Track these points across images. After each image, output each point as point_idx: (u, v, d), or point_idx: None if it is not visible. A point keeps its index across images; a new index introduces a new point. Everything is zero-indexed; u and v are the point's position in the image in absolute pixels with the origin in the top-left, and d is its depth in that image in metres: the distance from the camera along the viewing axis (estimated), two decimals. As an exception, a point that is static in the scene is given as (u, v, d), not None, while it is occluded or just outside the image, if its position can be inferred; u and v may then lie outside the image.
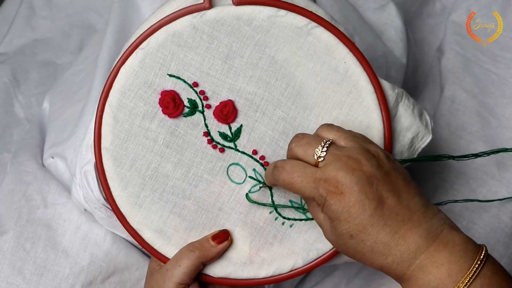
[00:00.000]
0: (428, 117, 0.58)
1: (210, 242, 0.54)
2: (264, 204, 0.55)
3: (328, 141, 0.47)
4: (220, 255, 0.55)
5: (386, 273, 0.46)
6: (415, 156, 0.58)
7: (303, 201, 0.55)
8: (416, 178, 0.76)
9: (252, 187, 0.54)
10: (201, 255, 0.53)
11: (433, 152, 0.75)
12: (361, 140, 0.47)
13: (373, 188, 0.44)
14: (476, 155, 0.59)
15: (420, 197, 0.46)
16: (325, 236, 0.48)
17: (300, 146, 0.47)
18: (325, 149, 0.46)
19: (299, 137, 0.48)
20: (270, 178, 0.49)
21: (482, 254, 0.44)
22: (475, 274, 0.43)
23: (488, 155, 0.59)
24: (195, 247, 0.54)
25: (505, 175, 0.74)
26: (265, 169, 0.54)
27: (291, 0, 0.53)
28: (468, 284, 0.43)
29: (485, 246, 0.46)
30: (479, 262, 0.44)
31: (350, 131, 0.48)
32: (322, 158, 0.46)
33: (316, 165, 0.46)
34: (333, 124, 0.49)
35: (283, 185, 0.47)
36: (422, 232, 0.44)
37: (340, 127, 0.48)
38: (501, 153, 0.75)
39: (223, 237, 0.55)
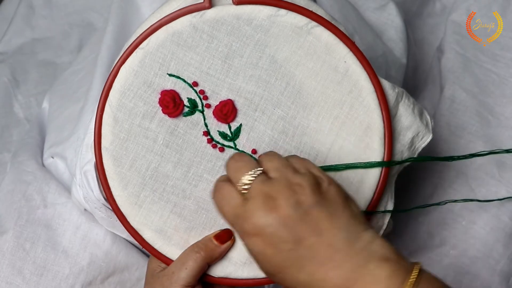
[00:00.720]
0: (428, 117, 0.58)
1: (213, 242, 0.54)
2: None
3: (257, 171, 0.45)
4: (223, 255, 0.55)
5: None
6: (416, 156, 0.58)
7: None
8: (415, 177, 0.76)
9: None
10: (207, 256, 0.53)
11: (433, 151, 0.75)
12: (291, 171, 0.45)
13: (287, 230, 0.42)
14: (474, 155, 0.58)
15: (347, 232, 0.43)
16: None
17: (232, 168, 0.46)
18: (252, 178, 0.44)
19: (235, 158, 0.47)
20: (212, 191, 0.48)
21: (411, 285, 0.42)
22: None
23: (486, 155, 0.59)
24: (199, 247, 0.54)
25: (505, 175, 0.74)
26: None
27: (291, 0, 0.53)
28: None
29: (417, 269, 0.43)
30: None
31: (285, 160, 0.46)
32: (246, 188, 0.44)
33: (241, 193, 0.45)
34: (272, 153, 0.47)
35: (215, 205, 0.47)
36: (343, 274, 0.42)
37: (277, 156, 0.47)
38: (501, 154, 0.75)
39: (226, 237, 0.55)
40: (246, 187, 0.44)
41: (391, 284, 0.42)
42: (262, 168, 0.45)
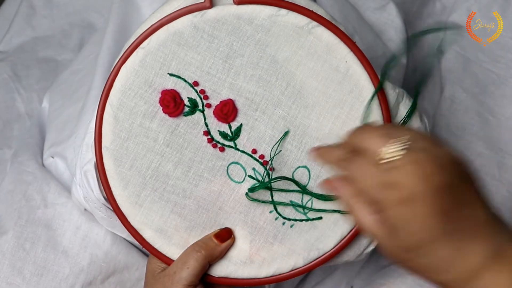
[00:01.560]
0: (425, 119, 0.58)
1: (214, 241, 0.54)
2: (263, 201, 0.54)
3: (404, 140, 0.41)
4: (224, 254, 0.55)
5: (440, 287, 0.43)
6: None
7: (304, 202, 0.55)
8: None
9: (251, 186, 0.54)
10: (207, 255, 0.53)
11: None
12: (431, 144, 0.41)
13: (445, 199, 0.40)
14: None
15: (486, 209, 0.42)
16: (379, 244, 0.43)
17: (372, 137, 0.42)
18: (399, 148, 0.40)
19: (365, 130, 0.43)
20: (337, 164, 0.44)
21: None
22: None
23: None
24: (200, 247, 0.54)
25: (505, 175, 0.74)
26: (264, 168, 0.54)
27: (292, 0, 0.53)
28: None
29: None
30: None
31: (417, 132, 0.43)
32: (393, 158, 0.40)
33: (383, 163, 0.41)
34: (404, 127, 0.44)
35: (347, 178, 0.43)
36: (486, 249, 0.41)
37: (413, 129, 0.44)
38: (502, 155, 0.75)
39: (226, 235, 0.55)
40: (393, 157, 0.40)
41: None
42: (407, 138, 0.41)
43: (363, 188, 0.42)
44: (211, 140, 0.54)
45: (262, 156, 0.54)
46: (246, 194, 0.54)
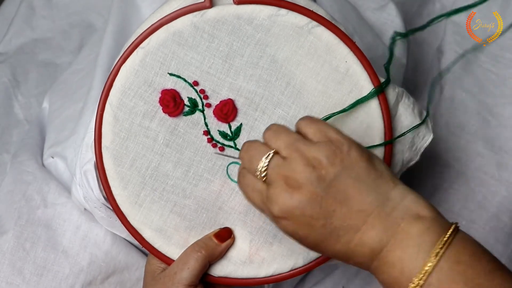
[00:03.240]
0: (428, 118, 0.58)
1: (213, 241, 0.54)
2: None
3: (269, 154, 0.44)
4: (224, 254, 0.55)
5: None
6: (418, 158, 0.58)
7: None
8: (415, 177, 0.76)
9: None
10: (208, 255, 0.53)
11: (433, 151, 0.75)
12: (303, 144, 0.43)
13: (315, 207, 0.42)
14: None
15: (376, 194, 0.43)
16: None
17: (245, 158, 0.45)
18: (266, 164, 0.44)
19: (245, 148, 0.46)
20: (238, 180, 0.48)
21: (441, 245, 0.41)
22: (429, 271, 0.40)
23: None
24: (200, 246, 0.54)
25: (505, 175, 0.74)
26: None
27: (292, 0, 0.53)
28: (423, 279, 0.40)
29: (452, 228, 0.42)
30: (432, 259, 0.40)
31: (291, 132, 0.45)
32: (264, 175, 0.44)
33: (261, 180, 0.44)
34: (276, 128, 0.45)
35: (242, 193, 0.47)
36: (376, 235, 0.42)
37: (282, 130, 0.45)
38: (501, 154, 0.75)
39: (226, 235, 0.55)
40: (263, 174, 0.44)
41: (422, 242, 0.41)
42: (273, 150, 0.44)
43: (252, 204, 0.46)
44: (211, 140, 0.54)
45: (262, 156, 0.54)
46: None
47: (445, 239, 0.41)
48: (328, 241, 0.44)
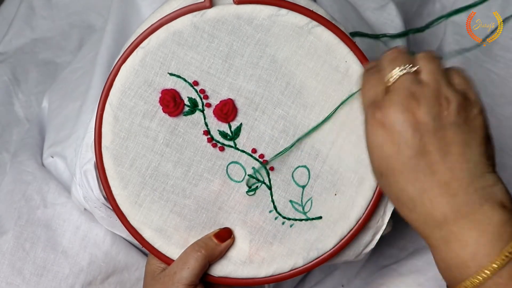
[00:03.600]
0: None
1: (213, 241, 0.54)
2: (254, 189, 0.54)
3: (410, 66, 0.42)
4: (224, 254, 0.55)
5: (414, 228, 0.43)
6: None
7: (303, 202, 0.55)
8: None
9: (251, 184, 0.54)
10: (208, 255, 0.53)
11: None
12: (445, 82, 0.42)
13: (416, 137, 0.40)
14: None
15: (474, 166, 0.41)
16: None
17: (388, 57, 0.44)
18: (402, 73, 0.42)
19: (394, 50, 0.45)
20: (364, 71, 0.47)
21: None
22: (504, 262, 0.39)
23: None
24: (200, 246, 0.54)
25: (505, 176, 0.74)
26: (264, 167, 0.54)
27: (292, 0, 0.53)
28: (495, 271, 0.39)
29: None
30: (510, 251, 0.39)
31: (444, 71, 0.43)
32: (392, 81, 0.42)
33: (385, 84, 0.43)
34: (436, 56, 0.44)
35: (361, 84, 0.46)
36: (455, 203, 0.40)
37: (439, 61, 0.44)
38: (502, 155, 0.75)
39: (226, 235, 0.55)
40: (392, 79, 0.42)
41: (504, 232, 0.40)
42: (417, 67, 0.43)
43: (362, 97, 0.44)
44: (211, 139, 0.54)
45: (262, 156, 0.54)
46: (247, 191, 0.54)
47: None
48: (404, 174, 0.41)
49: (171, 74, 0.53)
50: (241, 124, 0.54)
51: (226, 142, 0.54)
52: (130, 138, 0.53)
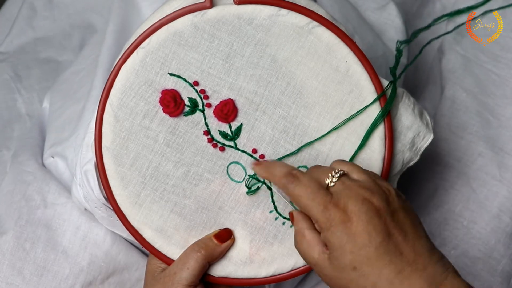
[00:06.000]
0: (428, 117, 0.58)
1: (213, 241, 0.54)
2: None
3: (341, 171, 0.47)
4: (224, 254, 0.55)
5: None
6: (418, 158, 0.58)
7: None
8: (417, 178, 0.76)
9: (251, 185, 0.54)
10: (207, 255, 0.53)
11: (433, 151, 0.75)
12: (373, 175, 0.48)
13: (381, 222, 0.44)
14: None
15: (426, 240, 0.45)
16: (319, 273, 0.47)
17: (315, 171, 0.48)
18: (336, 177, 0.46)
19: (316, 167, 0.49)
20: (279, 181, 0.48)
21: None
22: None
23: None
24: (200, 247, 0.54)
25: (506, 176, 0.74)
26: None
27: (292, 0, 0.53)
28: None
29: None
30: None
31: (362, 169, 0.49)
32: (333, 183, 0.46)
33: (326, 186, 0.46)
34: (347, 161, 0.49)
35: (292, 195, 0.47)
36: (427, 277, 0.44)
37: (355, 164, 0.49)
38: (502, 155, 0.75)
39: (226, 236, 0.55)
40: (332, 184, 0.46)
41: None
42: (345, 170, 0.47)
43: (306, 207, 0.46)
44: (211, 140, 0.54)
45: (262, 156, 0.54)
46: (247, 192, 0.54)
47: None
48: (379, 260, 0.44)
49: (171, 74, 0.53)
50: (241, 124, 0.54)
51: (227, 142, 0.54)
52: (130, 138, 0.53)
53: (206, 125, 0.54)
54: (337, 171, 0.47)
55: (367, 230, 0.43)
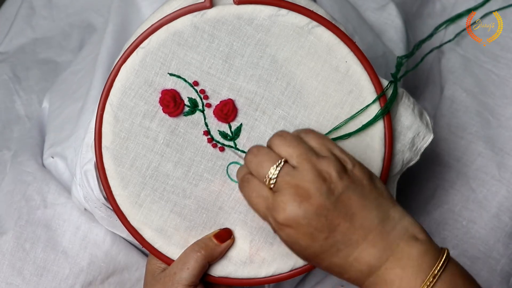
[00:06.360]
0: (428, 117, 0.58)
1: (213, 241, 0.54)
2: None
3: (280, 162, 0.44)
4: (224, 254, 0.55)
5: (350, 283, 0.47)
6: (418, 158, 0.58)
7: None
8: (416, 178, 0.76)
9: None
10: (207, 255, 0.53)
11: (433, 151, 0.75)
12: (313, 156, 0.44)
13: (322, 219, 0.43)
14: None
15: (377, 211, 0.44)
16: None
17: (254, 162, 0.45)
18: (277, 172, 0.44)
19: (253, 153, 0.46)
20: (239, 183, 0.47)
21: (438, 267, 0.43)
22: None
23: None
24: (200, 247, 0.54)
25: (505, 175, 0.74)
26: None
27: (292, 0, 0.53)
28: None
29: (446, 253, 0.45)
30: (431, 279, 0.43)
31: (303, 143, 0.45)
32: (273, 182, 0.44)
33: (268, 187, 0.44)
34: (286, 135, 0.45)
35: (243, 197, 0.47)
36: (376, 252, 0.44)
37: (293, 139, 0.45)
38: (502, 155, 0.75)
39: (226, 236, 0.55)
40: (272, 181, 0.44)
41: (422, 263, 0.43)
42: (284, 158, 0.44)
43: (254, 209, 0.45)
44: (211, 140, 0.54)
45: (262, 156, 0.54)
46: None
47: (441, 262, 0.44)
48: (326, 253, 0.44)
49: (171, 74, 0.53)
50: (241, 124, 0.54)
51: (226, 143, 0.54)
52: (130, 138, 0.53)
53: (206, 125, 0.54)
54: (276, 165, 0.44)
55: (308, 232, 0.43)
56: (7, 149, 0.75)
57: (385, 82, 0.55)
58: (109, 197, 0.54)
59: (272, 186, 0.44)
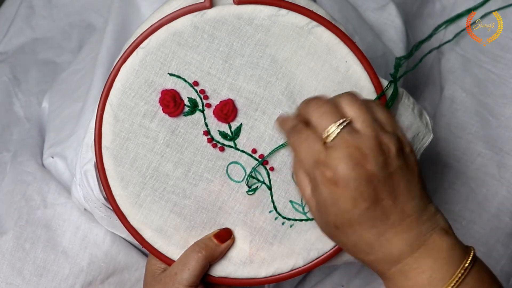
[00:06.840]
0: (427, 117, 0.58)
1: (213, 241, 0.54)
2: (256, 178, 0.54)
3: (346, 121, 0.43)
4: (224, 254, 0.55)
5: (367, 266, 0.46)
6: (418, 157, 0.58)
7: (304, 202, 0.55)
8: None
9: (251, 184, 0.54)
10: (208, 255, 0.53)
11: (433, 151, 0.75)
12: (378, 127, 0.43)
13: (370, 188, 0.42)
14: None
15: (419, 200, 0.44)
16: (311, 212, 0.46)
17: (316, 113, 0.44)
18: (339, 129, 0.42)
19: (316, 104, 0.44)
20: (286, 133, 0.46)
21: (468, 262, 0.44)
22: (457, 283, 0.43)
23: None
24: (200, 247, 0.54)
25: (505, 175, 0.74)
26: (264, 167, 0.54)
27: (292, 0, 0.53)
28: None
29: (473, 250, 0.45)
30: (462, 271, 0.43)
31: (371, 111, 0.44)
32: (331, 138, 0.42)
33: (323, 141, 0.43)
34: (357, 98, 0.44)
35: (291, 146, 0.45)
36: (409, 238, 0.44)
37: (363, 103, 0.44)
38: (502, 155, 0.75)
39: (226, 236, 0.55)
40: (332, 137, 0.43)
41: (452, 255, 0.44)
42: (350, 118, 0.43)
43: (301, 160, 0.44)
44: (211, 140, 0.54)
45: (262, 156, 0.54)
46: (247, 191, 0.54)
47: (470, 257, 0.44)
48: (361, 225, 0.43)
49: (171, 75, 0.53)
50: (241, 124, 0.54)
51: (226, 143, 0.54)
52: (130, 138, 0.53)
53: (206, 125, 0.54)
54: (340, 122, 0.43)
55: (353, 196, 0.42)
56: (6, 151, 0.75)
57: (385, 82, 0.55)
58: (109, 197, 0.54)
59: (329, 140, 0.43)
